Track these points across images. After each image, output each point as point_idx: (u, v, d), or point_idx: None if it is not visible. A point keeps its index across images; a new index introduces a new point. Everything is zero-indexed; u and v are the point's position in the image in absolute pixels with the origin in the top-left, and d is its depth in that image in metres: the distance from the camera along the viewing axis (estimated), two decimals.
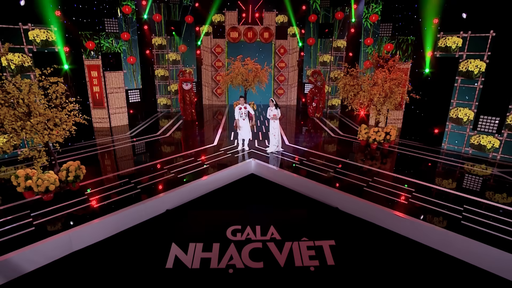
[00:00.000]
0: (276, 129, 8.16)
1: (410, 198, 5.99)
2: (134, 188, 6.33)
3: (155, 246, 4.99)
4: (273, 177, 7.40)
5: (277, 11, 14.96)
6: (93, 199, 5.86)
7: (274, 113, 8.09)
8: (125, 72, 11.65)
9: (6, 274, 4.13)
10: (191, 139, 9.81)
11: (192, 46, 14.18)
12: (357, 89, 8.56)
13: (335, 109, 14.57)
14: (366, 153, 8.69)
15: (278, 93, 16.34)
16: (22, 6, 7.97)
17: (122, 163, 7.87)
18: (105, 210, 5.42)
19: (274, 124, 8.12)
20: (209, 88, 16.28)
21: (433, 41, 9.01)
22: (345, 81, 8.56)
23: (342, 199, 6.17)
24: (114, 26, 10.94)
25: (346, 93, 8.71)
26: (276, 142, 8.28)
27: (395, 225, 5.45)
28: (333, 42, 13.66)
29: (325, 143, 9.60)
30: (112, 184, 6.50)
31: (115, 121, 11.63)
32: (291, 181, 7.01)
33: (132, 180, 6.68)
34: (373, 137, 8.95)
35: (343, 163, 7.83)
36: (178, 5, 13.33)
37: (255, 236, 5.23)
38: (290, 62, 15.90)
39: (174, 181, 6.57)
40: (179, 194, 6.35)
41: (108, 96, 11.26)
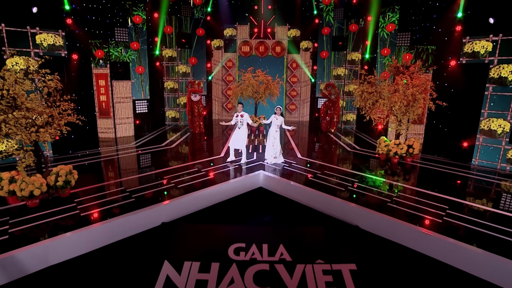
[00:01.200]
0: (277, 139, 7.73)
1: (444, 216, 5.12)
2: (128, 197, 5.75)
3: (145, 263, 4.34)
4: (284, 191, 6.74)
5: (290, 25, 14.82)
6: (82, 207, 5.29)
7: (278, 124, 7.68)
8: (133, 81, 11.50)
9: None
10: (196, 151, 9.52)
11: (202, 59, 14.09)
12: (376, 96, 7.92)
13: (350, 125, 13.91)
14: (387, 168, 7.90)
15: (290, 109, 15.92)
16: (32, 11, 7.94)
17: (121, 172, 7.49)
18: (92, 220, 4.82)
19: (274, 133, 7.71)
20: (219, 102, 16.04)
21: (458, 48, 8.39)
22: (362, 88, 7.97)
23: (363, 216, 5.38)
24: (124, 35, 10.92)
25: (363, 102, 8.08)
26: (274, 153, 7.74)
27: (428, 247, 4.58)
28: (347, 55, 13.26)
29: (341, 157, 9.00)
30: (105, 192, 5.95)
31: (120, 131, 11.37)
32: (305, 195, 6.32)
33: (128, 189, 6.13)
34: (394, 151, 8.17)
35: (360, 177, 7.09)
36: (189, 18, 13.42)
37: (261, 256, 4.55)
38: (302, 77, 15.56)
39: (173, 192, 6.03)
40: (177, 206, 5.74)
41: (115, 105, 11.04)
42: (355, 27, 12.68)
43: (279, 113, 7.64)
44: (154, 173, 7.13)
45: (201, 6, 13.45)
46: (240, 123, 7.72)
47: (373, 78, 8.07)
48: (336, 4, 13.16)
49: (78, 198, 5.66)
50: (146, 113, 12.30)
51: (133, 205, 5.39)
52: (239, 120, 7.69)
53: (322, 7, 13.33)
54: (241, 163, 7.76)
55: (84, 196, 5.74)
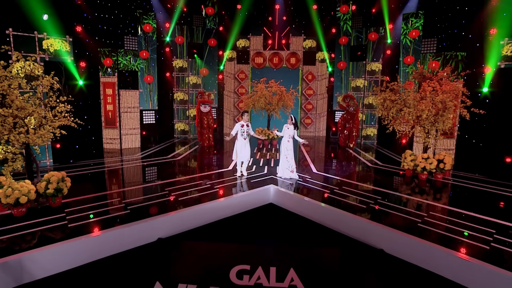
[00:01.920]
0: (290, 150, 7.34)
1: (492, 241, 4.43)
2: (123, 209, 5.41)
3: (134, 283, 3.89)
4: (296, 207, 6.25)
5: (305, 35, 14.74)
6: (72, 218, 4.97)
7: (291, 134, 7.33)
8: (141, 91, 11.53)
9: None
10: (203, 163, 9.32)
11: (214, 70, 14.12)
12: (400, 105, 7.40)
13: (371, 140, 13.29)
14: (414, 185, 7.24)
15: (306, 123, 15.58)
16: (43, 18, 8.12)
17: (120, 183, 7.28)
18: (81, 233, 4.48)
19: (287, 144, 7.35)
20: (230, 115, 15.90)
21: (494, 53, 7.83)
22: (384, 96, 7.48)
23: (389, 238, 4.76)
24: (134, 43, 11.06)
25: (386, 111, 7.57)
26: (289, 166, 7.35)
27: (472, 279, 3.89)
28: (367, 65, 12.88)
29: (361, 173, 8.48)
30: (100, 203, 5.64)
31: (126, 142, 11.29)
32: (320, 213, 5.80)
33: (124, 201, 5.81)
34: (421, 166, 7.51)
35: (384, 194, 6.48)
36: (201, 28, 13.56)
37: (268, 281, 4.07)
38: (318, 89, 15.27)
39: (173, 205, 5.68)
40: (176, 220, 5.33)
41: (121, 115, 11.00)
42: (375, 35, 12.37)
43: (290, 122, 7.32)
44: (155, 185, 6.88)
45: (213, 16, 13.60)
46: (246, 133, 7.39)
47: (396, 85, 7.60)
48: (354, 13, 12.97)
49: (70, 208, 5.37)
50: (154, 124, 12.24)
51: (128, 218, 5.03)
52: (245, 130, 7.35)
53: (339, 16, 13.17)
54: (237, 174, 7.46)
55: (76, 206, 5.44)
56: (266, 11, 14.90)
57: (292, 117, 7.33)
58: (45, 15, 8.19)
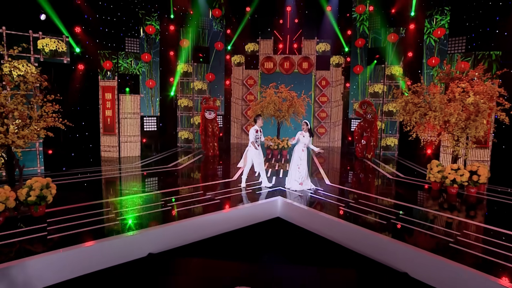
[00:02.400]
0: (303, 160, 7.04)
1: None
2: (113, 219, 5.17)
3: None
4: (306, 222, 5.91)
5: (318, 38, 14.62)
6: (53, 228, 4.75)
7: (306, 142, 7.02)
8: (142, 96, 11.51)
9: None
10: (206, 173, 9.21)
11: (220, 75, 14.05)
12: (425, 108, 7.00)
13: (391, 151, 12.81)
14: (442, 200, 6.76)
15: (319, 132, 15.26)
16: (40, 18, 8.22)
17: (113, 191, 7.12)
18: (61, 245, 4.25)
19: (301, 154, 7.04)
20: (238, 124, 15.71)
21: None
22: (406, 99, 7.11)
23: (414, 259, 4.34)
24: (135, 45, 11.12)
25: (408, 115, 7.17)
26: (299, 178, 7.01)
27: None
28: (386, 69, 12.54)
29: (381, 186, 8.12)
30: (88, 213, 5.42)
31: (125, 150, 11.22)
32: (332, 228, 5.45)
33: (115, 211, 5.58)
34: (451, 178, 7.01)
35: (407, 209, 6.06)
36: (207, 31, 13.60)
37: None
38: (333, 96, 15.00)
39: (169, 216, 5.43)
40: (171, 234, 5.07)
41: (121, 121, 10.96)
42: (395, 36, 12.08)
43: (306, 128, 7.03)
44: (151, 195, 6.67)
45: (220, 19, 13.65)
46: (260, 140, 7.21)
47: (419, 87, 7.22)
48: (372, 13, 12.76)
49: (53, 218, 5.15)
50: (155, 131, 12.17)
51: (116, 229, 4.79)
52: (259, 136, 7.16)
53: (355, 17, 12.99)
54: (266, 185, 7.25)
55: (61, 216, 5.23)
56: (276, 14, 14.83)
57: (307, 123, 7.08)
58: (43, 15, 8.28)
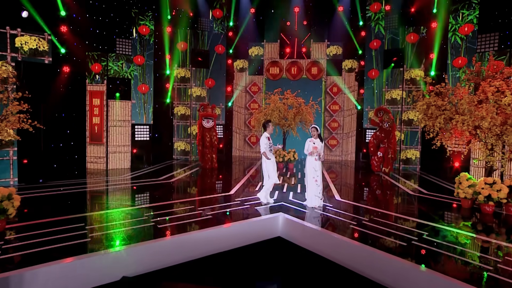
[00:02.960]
0: (318, 171, 6.63)
1: None
2: (84, 236, 4.81)
3: None
4: (312, 243, 5.49)
5: (329, 41, 14.47)
6: (9, 247, 4.38)
7: (316, 146, 6.57)
8: (133, 102, 11.38)
9: None
10: (201, 187, 9.01)
11: (221, 81, 13.93)
12: (450, 111, 6.55)
13: (412, 165, 12.29)
14: (475, 220, 6.22)
15: (330, 145, 14.88)
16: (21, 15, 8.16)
17: (92, 205, 6.86)
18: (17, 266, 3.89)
19: (315, 164, 6.63)
20: (241, 135, 15.43)
21: None
22: (428, 101, 6.70)
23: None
24: (127, 47, 11.07)
25: (431, 120, 6.74)
26: (319, 192, 6.64)
27: None
28: (405, 73, 12.18)
29: (400, 203, 7.67)
30: (56, 229, 5.06)
31: (114, 162, 11.01)
32: (343, 251, 5.00)
33: (88, 227, 5.24)
34: (485, 193, 6.46)
35: (432, 230, 5.60)
36: (207, 33, 13.56)
37: None
38: (346, 104, 14.67)
39: (150, 233, 5.08)
40: (151, 253, 4.69)
41: (109, 130, 10.82)
42: (415, 36, 11.78)
43: (315, 134, 6.65)
44: (134, 209, 6.35)
45: (221, 20, 13.62)
46: (272, 147, 6.96)
47: (444, 87, 6.81)
48: (388, 12, 12.53)
49: (14, 234, 4.82)
50: (148, 141, 11.98)
51: (86, 248, 4.43)
52: (271, 144, 6.92)
53: (370, 16, 12.79)
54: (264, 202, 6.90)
55: (24, 232, 4.88)
56: (283, 15, 14.77)
57: (317, 128, 6.71)
58: (24, 12, 8.20)
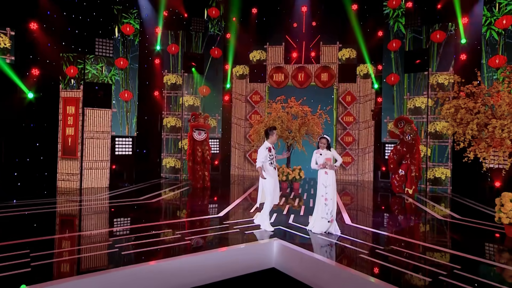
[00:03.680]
0: (330, 187, 6.09)
1: None
2: (25, 265, 4.37)
3: None
4: (313, 277, 4.93)
5: (341, 43, 14.28)
6: None
7: (328, 157, 6.17)
8: (114, 111, 11.21)
9: None
10: (187, 208, 8.84)
11: (217, 88, 13.85)
12: (486, 115, 6.03)
13: (442, 185, 11.73)
14: None
15: (344, 162, 14.42)
16: None
17: (48, 228, 6.48)
18: None
19: (324, 178, 6.16)
20: (240, 151, 15.14)
21: None
22: (457, 103, 6.23)
23: None
24: (108, 48, 11.00)
25: (461, 127, 6.24)
26: (328, 214, 6.09)
27: None
28: (430, 77, 11.80)
29: (427, 230, 7.24)
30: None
31: (89, 179, 10.75)
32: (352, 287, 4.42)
33: (33, 254, 4.84)
34: None
35: (468, 262, 5.02)
36: (202, 34, 13.51)
37: None
38: (361, 115, 14.33)
39: (112, 261, 4.79)
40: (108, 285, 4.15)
41: (85, 142, 10.63)
42: (441, 35, 11.44)
43: (323, 145, 6.23)
44: (97, 232, 6.02)
45: (218, 20, 13.58)
46: (275, 159, 6.43)
47: (477, 87, 6.34)
48: (409, 8, 12.28)
49: None
50: (130, 156, 11.75)
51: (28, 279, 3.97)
52: (274, 156, 6.40)
53: (388, 12, 12.56)
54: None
55: None
56: (289, 15, 14.68)
57: (326, 137, 6.25)
58: None
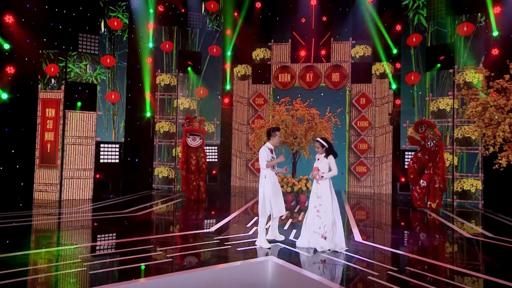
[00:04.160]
0: (324, 198, 5.99)
1: None
2: None
3: None
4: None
5: (354, 39, 14.17)
6: None
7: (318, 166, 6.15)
8: (99, 114, 11.15)
9: None
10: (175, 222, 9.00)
11: (216, 90, 13.90)
12: None
13: (472, 199, 11.33)
14: None
15: (358, 173, 14.28)
16: None
17: (15, 243, 6.38)
18: None
19: (316, 188, 6.11)
20: (242, 160, 15.10)
21: None
22: (485, 101, 5.93)
23: None
24: (93, 45, 10.97)
25: (490, 128, 5.95)
26: (321, 228, 5.97)
27: None
28: (456, 75, 11.51)
29: (454, 251, 7.11)
30: None
31: (70, 190, 10.63)
32: None
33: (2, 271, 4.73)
34: None
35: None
36: (199, 30, 13.50)
37: None
38: (378, 120, 14.10)
39: (81, 281, 4.72)
40: None
41: (66, 148, 10.55)
42: (469, 27, 11.14)
43: (320, 149, 6.16)
44: (66, 249, 5.99)
45: (216, 14, 13.58)
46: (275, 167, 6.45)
47: (509, 82, 6.02)
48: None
49: None
50: (117, 164, 11.63)
51: None
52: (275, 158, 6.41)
53: (407, 3, 12.39)
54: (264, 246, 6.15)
55: None
56: (296, 10, 14.60)
57: (319, 140, 6.18)
58: None
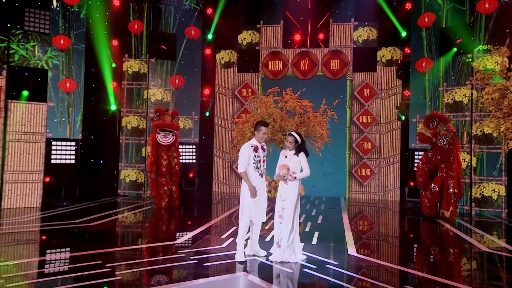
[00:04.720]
0: (289, 201, 6.09)
1: None
2: None
3: None
4: None
5: (357, 20, 14.03)
6: None
7: (286, 164, 6.17)
8: (51, 105, 10.86)
9: None
10: (135, 233, 9.11)
11: (194, 78, 13.73)
12: None
13: (493, 207, 11.16)
14: None
15: (360, 177, 14.17)
16: None
17: None
18: None
19: (282, 189, 6.21)
20: (225, 160, 15.11)
21: None
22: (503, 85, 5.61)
23: None
24: (42, 23, 10.74)
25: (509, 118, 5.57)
26: (276, 236, 6.25)
27: None
28: (475, 61, 11.22)
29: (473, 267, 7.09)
30: None
31: (13, 197, 10.31)
32: None
33: None
34: None
35: None
36: (174, 8, 13.38)
37: None
38: (383, 114, 13.96)
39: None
40: None
41: (8, 146, 10.19)
42: (492, 4, 10.75)
43: (291, 143, 6.18)
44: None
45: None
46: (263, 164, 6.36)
47: None
48: None
49: None
50: (73, 165, 11.53)
51: None
52: (261, 158, 6.35)
53: None
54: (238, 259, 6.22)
55: None
56: None
57: (293, 135, 6.19)
58: None
